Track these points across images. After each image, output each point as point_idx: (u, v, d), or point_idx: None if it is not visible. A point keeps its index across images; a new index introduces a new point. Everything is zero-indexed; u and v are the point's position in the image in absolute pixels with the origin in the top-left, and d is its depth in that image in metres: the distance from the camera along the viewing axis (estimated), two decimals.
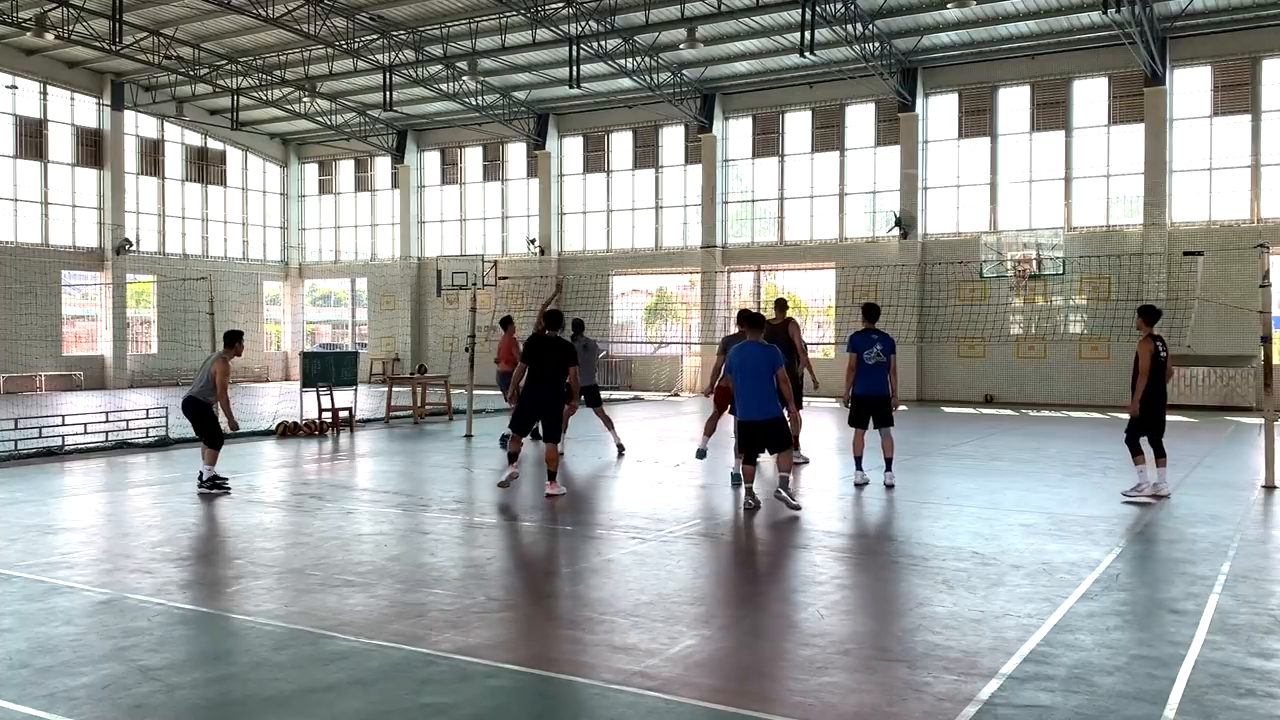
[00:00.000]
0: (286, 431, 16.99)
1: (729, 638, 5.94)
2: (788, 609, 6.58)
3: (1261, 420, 12.83)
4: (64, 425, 14.99)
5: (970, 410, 23.20)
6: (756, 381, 9.72)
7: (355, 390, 19.94)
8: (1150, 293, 22.20)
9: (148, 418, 16.09)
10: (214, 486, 11.00)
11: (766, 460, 10.63)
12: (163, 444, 15.29)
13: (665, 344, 15.32)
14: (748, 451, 9.93)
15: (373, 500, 10.82)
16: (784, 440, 9.84)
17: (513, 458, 11.17)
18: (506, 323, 16.96)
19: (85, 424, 15.33)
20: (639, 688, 5.06)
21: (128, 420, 16.16)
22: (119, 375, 31.70)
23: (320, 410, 17.61)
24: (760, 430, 9.78)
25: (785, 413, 10.04)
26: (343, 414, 17.94)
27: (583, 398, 13.97)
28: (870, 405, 11.37)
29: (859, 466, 11.54)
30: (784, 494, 9.74)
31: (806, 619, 6.32)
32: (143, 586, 7.10)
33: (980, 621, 6.17)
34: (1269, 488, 11.34)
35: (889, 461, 11.44)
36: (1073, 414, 21.97)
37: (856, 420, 11.48)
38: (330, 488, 11.75)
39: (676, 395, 27.10)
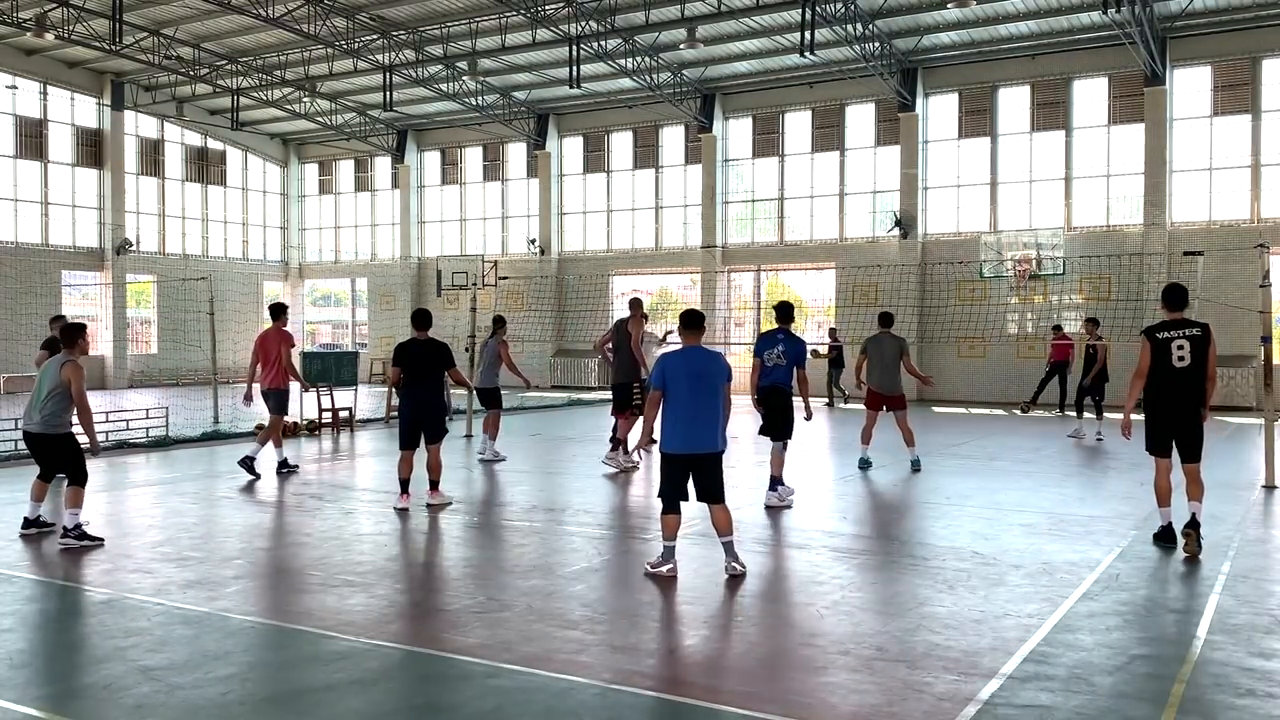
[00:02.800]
0: (287, 431, 16.98)
1: (729, 638, 5.94)
2: (788, 609, 6.58)
3: (1261, 420, 12.83)
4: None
5: (964, 410, 23.19)
6: (704, 398, 7.30)
7: (355, 390, 19.93)
8: (1150, 293, 22.20)
9: (148, 418, 16.09)
10: (83, 536, 8.43)
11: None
12: (163, 444, 15.28)
13: (669, 335, 15.32)
14: (672, 495, 7.41)
15: (373, 500, 10.82)
16: (722, 486, 7.48)
17: (404, 485, 10.18)
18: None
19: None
20: (639, 688, 5.06)
21: (128, 420, 16.16)
22: (119, 375, 31.72)
23: (320, 410, 17.61)
24: (701, 467, 7.38)
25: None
26: (343, 414, 17.94)
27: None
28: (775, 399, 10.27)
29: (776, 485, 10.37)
30: (736, 564, 7.43)
31: (806, 619, 6.32)
32: (143, 586, 7.10)
33: (980, 621, 6.17)
34: (1269, 488, 11.34)
35: (775, 480, 10.38)
36: (1073, 414, 21.93)
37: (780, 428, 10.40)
38: (330, 488, 11.75)
39: None
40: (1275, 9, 22.78)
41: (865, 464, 12.86)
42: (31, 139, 30.65)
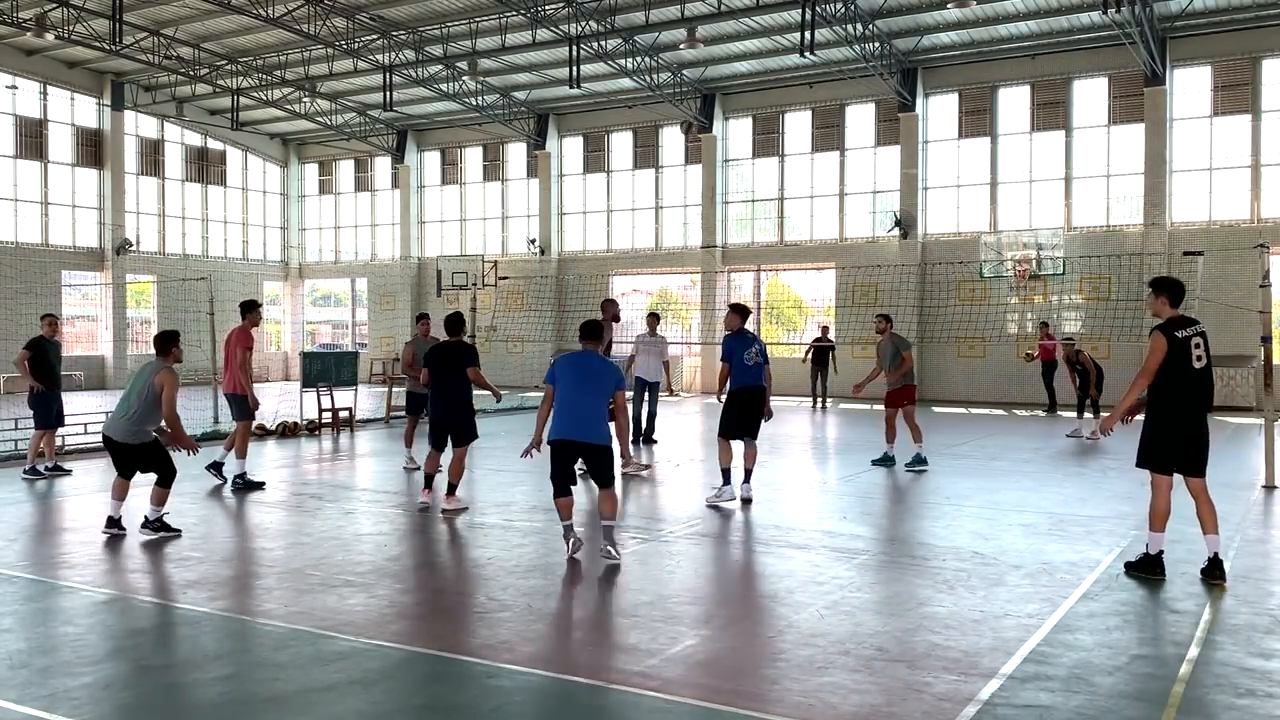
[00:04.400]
0: (287, 431, 16.99)
1: (729, 638, 5.94)
2: (788, 609, 6.58)
3: (1261, 420, 12.83)
4: (64, 425, 14.96)
5: (964, 410, 23.19)
6: (589, 397, 7.84)
7: (355, 390, 19.94)
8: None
9: None
10: (162, 527, 8.74)
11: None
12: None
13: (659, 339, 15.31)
14: (558, 480, 7.91)
15: (373, 500, 10.82)
16: (610, 474, 7.96)
17: (429, 480, 10.29)
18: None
19: (85, 424, 15.32)
20: (639, 688, 5.06)
21: None
22: (119, 375, 31.67)
23: (320, 410, 17.61)
24: (587, 455, 7.89)
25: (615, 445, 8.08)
26: (343, 414, 17.94)
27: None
28: (754, 402, 10.37)
29: (729, 480, 10.36)
30: (612, 550, 7.77)
31: (806, 619, 6.32)
32: (143, 586, 7.10)
33: (980, 621, 6.17)
34: (1269, 488, 11.34)
35: (749, 473, 10.57)
36: (1073, 414, 21.93)
37: (741, 426, 10.41)
38: (330, 488, 11.75)
39: (675, 394, 27.09)
40: (1275, 9, 22.78)
41: (889, 461, 13.14)
42: (31, 139, 30.65)
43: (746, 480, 10.56)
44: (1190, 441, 7.19)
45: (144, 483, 9.00)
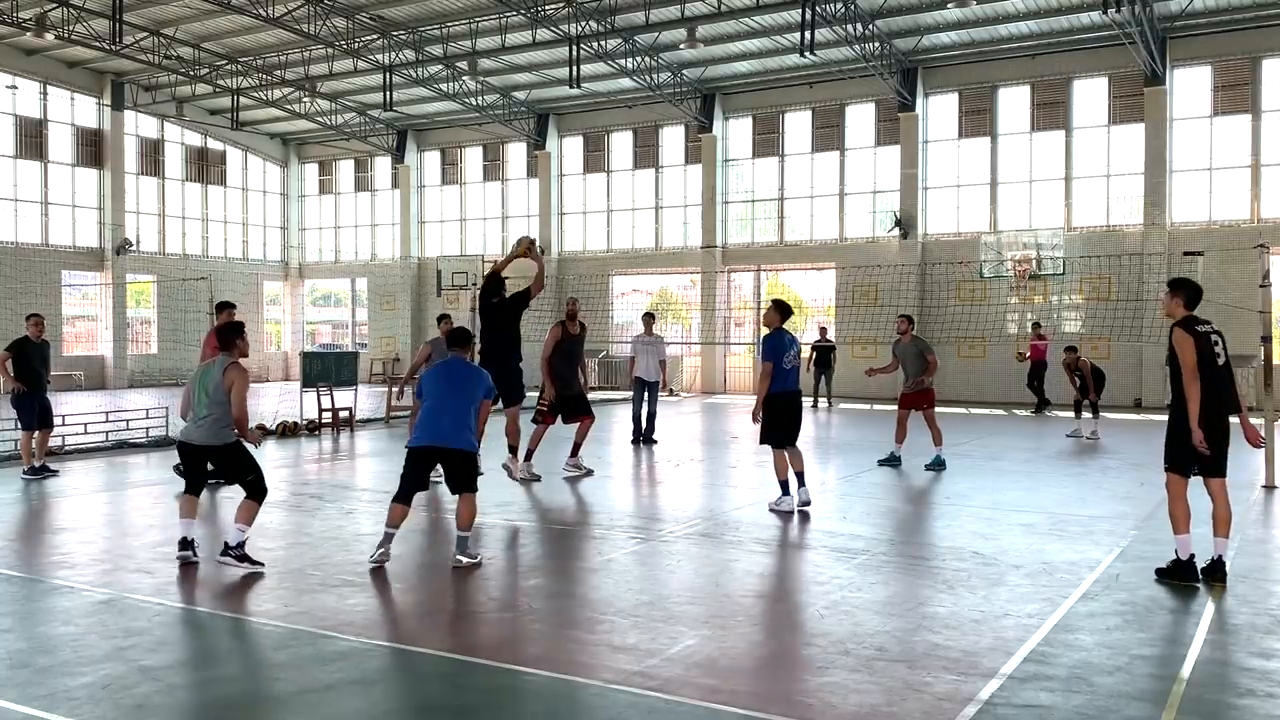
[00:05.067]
0: (287, 431, 16.99)
1: (729, 638, 5.93)
2: (788, 609, 6.58)
3: (1261, 420, 12.84)
4: (64, 425, 14.95)
5: (964, 410, 23.19)
6: (454, 403, 7.63)
7: (355, 390, 19.94)
8: (1150, 293, 22.21)
9: (148, 418, 16.07)
10: (244, 559, 7.56)
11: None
12: (163, 444, 15.27)
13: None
14: (403, 485, 7.73)
15: (373, 500, 10.81)
16: (470, 479, 7.72)
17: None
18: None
19: (85, 424, 15.32)
20: (639, 688, 5.06)
21: (128, 420, 16.15)
22: (119, 375, 31.70)
23: (320, 410, 17.60)
24: (447, 461, 7.66)
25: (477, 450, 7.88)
26: (343, 414, 17.93)
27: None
28: (797, 406, 9.96)
29: (788, 491, 9.95)
30: (465, 556, 7.58)
31: (806, 619, 6.32)
32: (143, 586, 7.10)
33: (980, 621, 6.17)
34: (1269, 488, 11.34)
35: (801, 476, 10.06)
36: (1073, 414, 21.93)
37: (790, 433, 9.93)
38: (330, 488, 11.74)
39: (674, 394, 27.09)
40: (1275, 9, 22.78)
41: (895, 461, 13.15)
42: (31, 139, 30.65)
43: (802, 484, 9.94)
44: (1218, 438, 6.98)
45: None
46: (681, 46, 25.92)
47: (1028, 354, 21.96)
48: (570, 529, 9.20)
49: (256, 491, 7.69)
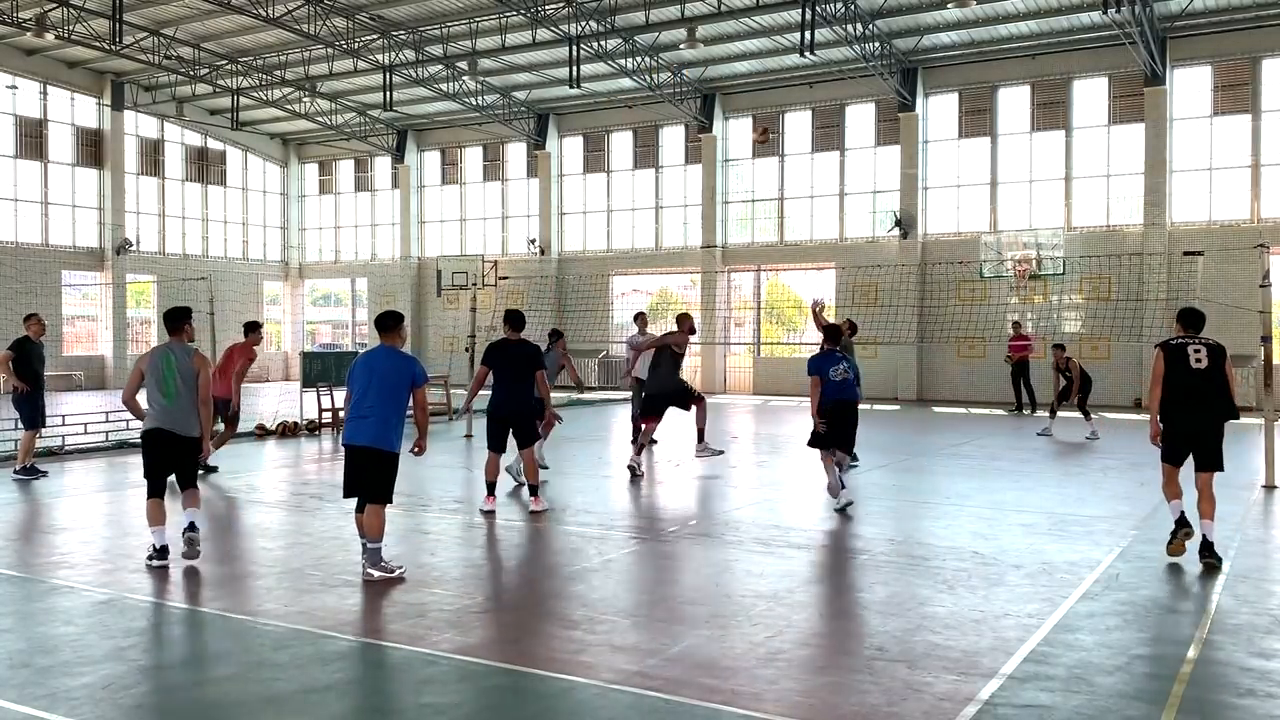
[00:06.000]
0: (287, 431, 16.99)
1: (729, 638, 5.94)
2: (788, 609, 6.58)
3: (1261, 420, 12.83)
4: (64, 425, 14.98)
5: (964, 410, 23.19)
6: (371, 397, 7.31)
7: None
8: (1150, 293, 22.21)
9: None
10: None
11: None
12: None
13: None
14: (354, 495, 7.44)
15: None
16: (384, 487, 7.34)
17: (491, 487, 9.96)
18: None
19: (85, 424, 15.32)
20: (639, 688, 5.06)
21: (128, 420, 16.10)
22: (119, 375, 31.66)
23: (320, 410, 17.60)
24: (366, 462, 7.30)
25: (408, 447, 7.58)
26: (342, 414, 17.90)
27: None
28: (847, 412, 10.28)
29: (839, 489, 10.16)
30: (377, 569, 7.25)
31: (807, 619, 6.32)
32: (143, 586, 7.10)
33: (980, 621, 6.17)
34: (1269, 488, 11.35)
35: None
36: (1073, 414, 21.95)
37: (835, 436, 10.22)
38: (330, 488, 11.73)
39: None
40: (1275, 9, 22.78)
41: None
42: (31, 139, 30.65)
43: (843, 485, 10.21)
44: (1191, 438, 7.74)
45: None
46: (681, 46, 25.92)
47: (1012, 356, 22.02)
48: (570, 529, 9.20)
49: (194, 479, 7.87)
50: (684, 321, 13.15)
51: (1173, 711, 4.78)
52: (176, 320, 8.13)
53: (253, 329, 13.32)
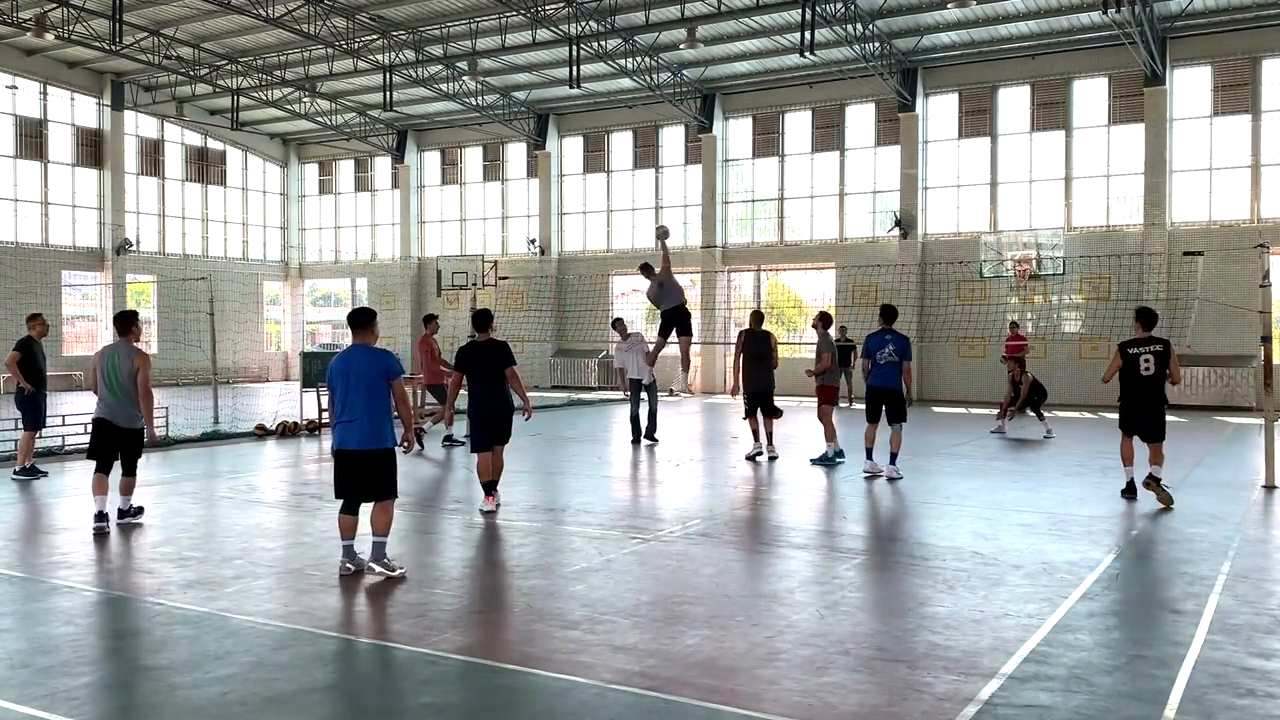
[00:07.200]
0: (287, 431, 16.99)
1: (729, 638, 5.93)
2: (788, 609, 6.58)
3: (1261, 420, 12.83)
4: (64, 425, 14.97)
5: (964, 410, 23.18)
6: (352, 397, 7.31)
7: None
8: (1150, 293, 22.21)
9: None
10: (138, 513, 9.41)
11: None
12: (163, 444, 15.26)
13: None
14: (346, 498, 7.60)
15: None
16: (388, 485, 7.51)
17: (488, 487, 9.92)
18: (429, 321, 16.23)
19: (85, 424, 15.29)
20: (639, 688, 5.06)
21: None
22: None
23: (320, 410, 17.59)
24: (362, 465, 7.38)
25: (399, 445, 7.71)
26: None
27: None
28: (882, 397, 11.95)
29: (870, 457, 12.11)
30: (379, 565, 7.33)
31: (806, 619, 6.32)
32: (143, 586, 7.10)
33: (980, 621, 6.17)
34: (1269, 488, 11.34)
35: (894, 456, 11.94)
36: (1072, 414, 21.95)
37: (871, 414, 12.10)
38: (330, 488, 11.72)
39: (674, 394, 27.08)
40: (1275, 9, 22.78)
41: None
42: (31, 139, 30.66)
43: (892, 462, 11.88)
44: (1140, 421, 10.46)
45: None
46: (681, 46, 25.92)
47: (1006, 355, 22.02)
48: (570, 529, 9.20)
49: (135, 467, 9.35)
50: (759, 320, 14.32)
51: (1173, 711, 4.78)
52: (125, 322, 9.62)
53: (429, 320, 15.79)
